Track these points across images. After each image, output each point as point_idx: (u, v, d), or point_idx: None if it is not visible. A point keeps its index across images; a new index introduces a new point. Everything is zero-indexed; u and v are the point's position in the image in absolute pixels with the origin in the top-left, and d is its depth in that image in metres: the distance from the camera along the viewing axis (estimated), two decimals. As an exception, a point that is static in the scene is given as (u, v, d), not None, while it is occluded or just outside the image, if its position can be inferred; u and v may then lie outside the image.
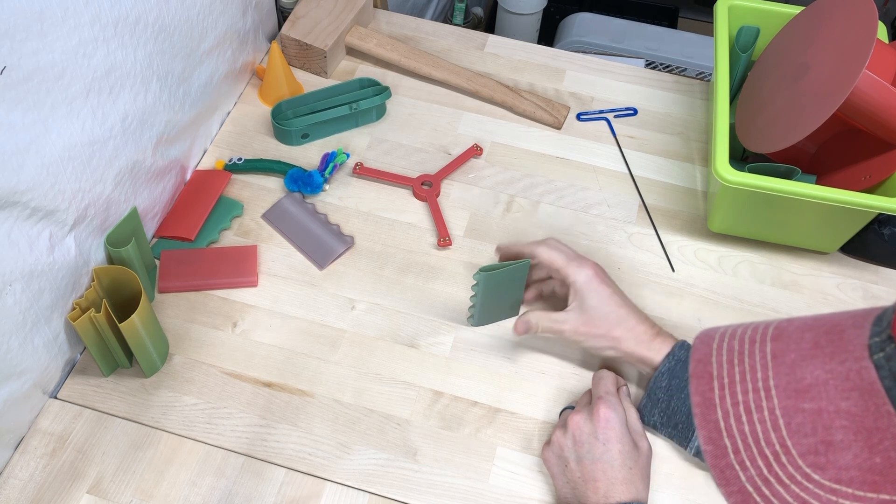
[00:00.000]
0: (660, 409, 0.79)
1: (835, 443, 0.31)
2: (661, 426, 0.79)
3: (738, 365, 0.36)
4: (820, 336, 0.34)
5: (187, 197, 0.96)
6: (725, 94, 0.94)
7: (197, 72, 0.94)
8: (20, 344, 0.73)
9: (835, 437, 0.31)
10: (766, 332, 0.36)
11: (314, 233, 0.94)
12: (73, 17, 0.69)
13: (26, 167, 0.68)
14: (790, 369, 0.34)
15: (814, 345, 0.34)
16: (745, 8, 1.03)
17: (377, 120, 1.07)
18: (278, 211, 0.97)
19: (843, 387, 0.32)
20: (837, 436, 0.31)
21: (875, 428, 0.30)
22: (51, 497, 0.76)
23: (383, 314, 0.90)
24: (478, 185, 1.01)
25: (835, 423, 0.31)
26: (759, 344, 0.37)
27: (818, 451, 0.31)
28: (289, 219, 0.96)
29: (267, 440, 0.80)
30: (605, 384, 0.78)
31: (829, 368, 0.32)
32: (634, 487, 0.71)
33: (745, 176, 0.86)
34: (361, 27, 1.13)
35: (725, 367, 0.36)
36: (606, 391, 0.77)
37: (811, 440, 0.32)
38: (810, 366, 0.33)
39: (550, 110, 1.08)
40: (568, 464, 0.74)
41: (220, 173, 0.98)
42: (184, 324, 0.88)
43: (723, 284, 0.94)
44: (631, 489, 0.70)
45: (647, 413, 0.80)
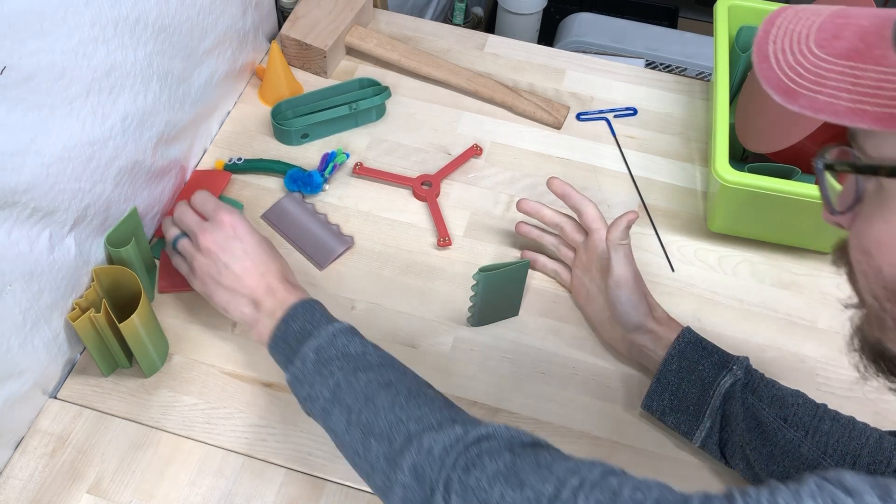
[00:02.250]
0: (670, 392, 0.79)
1: (841, 37, 0.44)
2: (669, 411, 0.79)
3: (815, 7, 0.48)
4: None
5: (187, 197, 0.96)
6: (725, 94, 0.94)
7: (197, 72, 0.94)
8: (20, 344, 0.73)
9: (843, 34, 0.44)
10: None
11: (314, 233, 0.94)
12: (73, 17, 0.69)
13: (26, 167, 0.68)
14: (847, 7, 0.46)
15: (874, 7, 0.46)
16: (745, 8, 1.03)
17: (377, 120, 1.07)
18: (278, 211, 0.97)
19: (871, 15, 0.44)
20: (845, 34, 0.44)
21: (872, 33, 0.42)
22: (51, 497, 0.76)
23: (383, 314, 0.90)
24: (478, 185, 1.01)
25: (848, 29, 0.44)
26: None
27: (827, 39, 0.44)
28: (289, 219, 0.96)
29: (267, 440, 0.80)
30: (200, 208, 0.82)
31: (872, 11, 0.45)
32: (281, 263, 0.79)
33: (745, 176, 0.86)
34: (361, 27, 1.13)
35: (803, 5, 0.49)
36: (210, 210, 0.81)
37: (827, 35, 0.44)
38: (861, 8, 0.45)
39: (550, 110, 1.08)
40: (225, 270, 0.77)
41: (220, 173, 0.98)
42: (184, 324, 0.88)
43: (723, 284, 0.94)
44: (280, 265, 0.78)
45: (657, 397, 0.79)
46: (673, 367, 0.78)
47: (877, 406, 0.84)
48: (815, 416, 0.73)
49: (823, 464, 0.70)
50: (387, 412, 0.62)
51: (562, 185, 0.88)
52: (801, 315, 0.92)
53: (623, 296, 0.81)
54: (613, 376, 0.86)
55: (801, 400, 0.75)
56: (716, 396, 0.76)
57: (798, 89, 0.44)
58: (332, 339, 0.69)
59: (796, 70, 0.44)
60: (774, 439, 0.72)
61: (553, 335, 0.89)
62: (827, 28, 0.45)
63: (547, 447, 0.59)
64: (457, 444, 0.58)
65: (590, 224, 0.86)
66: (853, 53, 0.43)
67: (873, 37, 0.42)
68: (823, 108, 0.43)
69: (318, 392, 0.67)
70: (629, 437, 0.82)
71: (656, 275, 0.94)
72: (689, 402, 0.78)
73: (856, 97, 0.41)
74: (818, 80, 0.43)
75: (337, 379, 0.67)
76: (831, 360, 0.88)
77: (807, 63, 0.44)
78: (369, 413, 0.63)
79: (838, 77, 0.42)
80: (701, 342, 0.79)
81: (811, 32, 0.45)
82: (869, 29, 0.43)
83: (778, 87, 0.45)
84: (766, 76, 0.46)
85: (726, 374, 0.76)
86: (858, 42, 0.43)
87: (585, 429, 0.83)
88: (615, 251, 0.81)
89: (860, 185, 0.46)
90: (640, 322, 0.82)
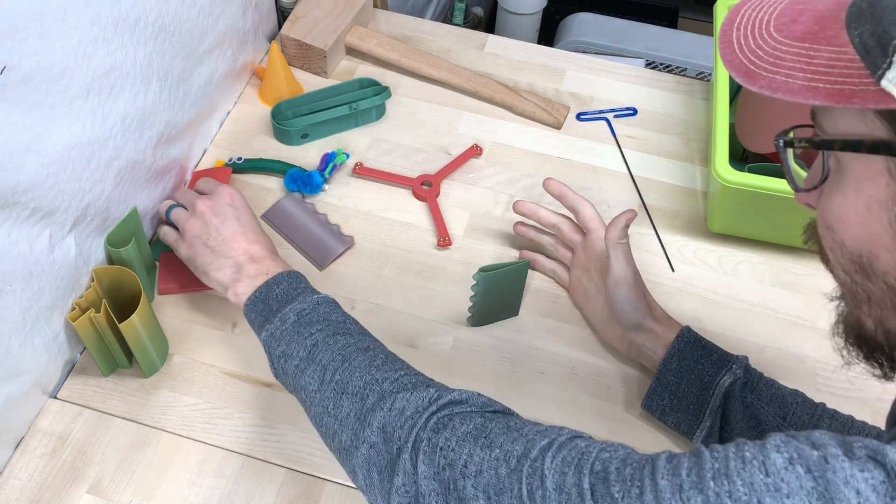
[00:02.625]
0: (669, 392, 0.79)
1: (798, 21, 0.46)
2: (669, 411, 0.79)
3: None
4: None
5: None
6: (725, 94, 0.94)
7: (197, 72, 0.94)
8: (20, 344, 0.73)
9: (800, 18, 0.46)
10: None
11: (314, 233, 0.94)
12: (73, 17, 0.69)
13: (26, 167, 0.68)
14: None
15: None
16: (745, 8, 1.03)
17: (377, 120, 1.07)
18: (278, 211, 0.96)
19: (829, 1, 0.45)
20: (802, 18, 0.46)
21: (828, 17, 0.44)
22: (51, 497, 0.76)
23: (383, 314, 0.90)
24: (478, 185, 1.01)
25: (806, 13, 0.46)
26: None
27: (785, 24, 0.46)
28: (289, 219, 0.96)
29: (267, 440, 0.80)
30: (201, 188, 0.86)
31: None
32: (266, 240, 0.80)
33: (745, 176, 0.86)
34: (361, 27, 1.13)
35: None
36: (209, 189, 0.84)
37: (785, 19, 0.46)
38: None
39: (550, 110, 1.08)
40: (215, 232, 0.80)
41: (220, 170, 0.98)
42: (184, 324, 0.88)
43: (723, 284, 0.94)
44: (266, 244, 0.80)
45: (657, 397, 0.80)
46: (672, 366, 0.78)
47: (876, 406, 0.84)
48: (813, 415, 0.73)
49: None
50: (362, 372, 0.63)
51: (558, 185, 0.88)
52: (801, 315, 0.92)
53: (622, 295, 0.81)
54: (613, 376, 0.86)
55: (801, 399, 0.75)
56: (716, 396, 0.76)
57: (757, 70, 0.46)
58: (315, 305, 0.71)
59: (756, 53, 0.46)
60: None
61: (553, 335, 0.89)
62: (786, 13, 0.47)
63: (518, 416, 0.60)
64: (430, 405, 0.59)
65: (587, 224, 0.86)
66: (808, 35, 0.44)
67: (828, 20, 0.44)
68: (780, 87, 0.44)
69: (294, 351, 0.68)
70: (629, 437, 0.82)
71: (656, 275, 0.94)
72: (689, 402, 0.78)
73: (809, 75, 0.43)
74: (775, 62, 0.45)
75: (315, 340, 0.67)
76: (831, 360, 0.88)
77: (766, 46, 0.46)
78: (344, 373, 0.64)
79: (793, 58, 0.44)
80: (700, 341, 0.79)
81: (771, 18, 0.47)
82: (825, 13, 0.45)
83: (739, 70, 0.47)
84: (729, 60, 0.48)
85: (726, 373, 0.76)
86: (814, 25, 0.45)
87: (585, 429, 0.82)
88: (614, 250, 0.81)
89: (826, 164, 0.48)
90: (639, 321, 0.82)
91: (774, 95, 0.45)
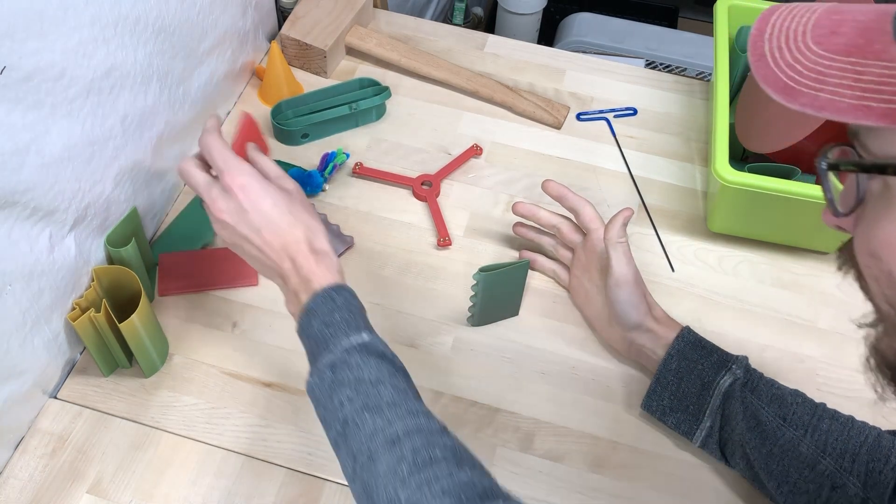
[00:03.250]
0: (670, 393, 0.79)
1: (839, 32, 0.43)
2: (669, 412, 0.79)
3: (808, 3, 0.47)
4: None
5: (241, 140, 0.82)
6: (725, 94, 0.94)
7: (197, 72, 0.94)
8: (20, 344, 0.73)
9: (841, 30, 0.43)
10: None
11: (314, 233, 0.94)
12: (73, 17, 0.69)
13: (26, 167, 0.68)
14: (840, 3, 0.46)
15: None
16: (745, 8, 1.03)
17: (377, 120, 1.07)
18: (278, 211, 0.96)
19: (868, 9, 0.43)
20: (843, 29, 0.43)
21: (871, 28, 0.42)
22: (51, 497, 0.76)
23: (383, 314, 0.90)
24: (478, 185, 1.01)
25: (846, 24, 0.43)
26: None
27: (824, 35, 0.43)
28: (289, 219, 0.96)
29: (267, 440, 0.80)
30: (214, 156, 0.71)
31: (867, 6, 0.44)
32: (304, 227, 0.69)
33: (745, 176, 0.86)
34: (361, 27, 1.13)
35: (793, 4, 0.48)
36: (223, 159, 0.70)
37: (824, 30, 0.44)
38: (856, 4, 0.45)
39: (550, 110, 1.08)
40: (246, 242, 0.70)
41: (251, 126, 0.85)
42: (184, 324, 0.88)
43: (723, 284, 0.94)
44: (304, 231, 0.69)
45: (657, 398, 0.79)
46: (672, 366, 0.78)
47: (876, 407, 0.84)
48: (814, 415, 0.73)
49: (822, 462, 0.70)
50: (385, 483, 0.57)
51: (557, 187, 0.88)
52: (801, 315, 0.92)
53: (622, 295, 0.81)
54: (613, 376, 0.86)
55: (801, 399, 0.75)
56: (715, 396, 0.76)
57: (798, 87, 0.43)
58: (346, 356, 0.64)
59: (795, 68, 0.44)
60: (773, 438, 0.72)
61: (553, 335, 0.89)
62: (823, 24, 0.44)
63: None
64: None
65: (588, 224, 0.86)
66: (853, 49, 0.42)
67: (873, 31, 0.42)
68: (826, 105, 0.42)
69: (331, 421, 0.64)
70: (629, 437, 0.82)
71: (656, 275, 0.94)
72: (689, 402, 0.78)
73: (859, 93, 0.41)
74: (819, 78, 0.42)
75: (346, 414, 0.62)
76: (831, 360, 0.88)
77: (805, 60, 0.43)
78: (369, 475, 0.59)
79: (839, 73, 0.42)
80: (700, 342, 0.79)
81: (807, 29, 0.44)
82: (867, 24, 0.42)
83: (776, 86, 0.44)
84: (764, 75, 0.45)
85: (726, 374, 0.76)
86: (858, 37, 0.42)
87: (585, 429, 0.83)
88: (614, 249, 0.81)
89: (862, 186, 0.44)
90: (639, 321, 0.82)
91: (820, 115, 0.42)
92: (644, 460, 0.81)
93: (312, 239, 0.70)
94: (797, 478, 0.71)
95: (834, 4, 0.45)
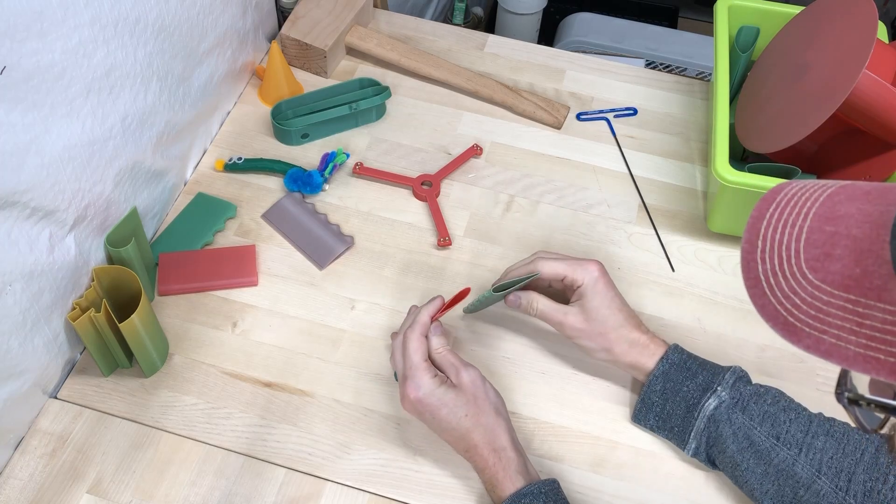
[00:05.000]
0: (654, 413, 0.79)
1: (833, 255, 0.39)
2: (657, 429, 0.79)
3: (799, 197, 0.44)
4: (875, 188, 0.41)
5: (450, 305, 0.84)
6: (725, 94, 0.94)
7: (197, 72, 0.94)
8: (20, 344, 0.73)
9: (835, 251, 0.39)
10: (839, 183, 0.44)
11: (314, 233, 0.94)
12: (73, 17, 0.69)
13: (26, 167, 0.68)
14: (834, 205, 0.42)
15: (865, 193, 0.41)
16: (745, 8, 1.03)
17: (377, 120, 1.07)
18: (278, 211, 0.97)
19: (863, 220, 0.39)
20: (837, 251, 0.39)
21: (868, 250, 0.38)
22: (51, 497, 0.76)
23: (383, 314, 0.90)
24: (478, 185, 1.01)
25: (840, 243, 0.39)
26: (826, 188, 0.44)
27: (818, 258, 0.40)
28: (289, 219, 0.96)
29: (267, 440, 0.80)
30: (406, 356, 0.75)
31: (861, 208, 0.40)
32: (482, 430, 0.73)
33: (745, 176, 0.86)
34: (361, 27, 1.13)
35: (788, 197, 0.44)
36: (409, 365, 0.74)
37: (818, 251, 0.40)
38: (850, 204, 0.41)
39: (550, 110, 1.08)
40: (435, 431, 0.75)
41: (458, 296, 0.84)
42: (184, 324, 0.88)
43: (723, 284, 0.94)
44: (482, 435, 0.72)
45: (643, 417, 0.80)
46: (657, 388, 0.78)
47: (877, 406, 0.84)
48: (807, 433, 0.71)
49: (818, 482, 0.69)
50: None
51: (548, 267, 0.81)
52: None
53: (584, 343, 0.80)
54: (614, 376, 0.86)
55: (794, 415, 0.73)
56: (700, 419, 0.75)
57: (799, 325, 0.39)
58: None
59: (792, 300, 0.40)
60: (768, 458, 0.71)
61: (553, 335, 0.89)
62: (816, 241, 0.40)
63: None
64: None
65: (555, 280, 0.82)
66: (851, 283, 0.38)
67: (870, 257, 0.38)
68: (831, 352, 0.38)
69: None
70: (629, 437, 0.82)
71: (656, 275, 0.94)
72: (674, 424, 0.77)
73: (864, 341, 0.37)
74: (819, 317, 0.39)
75: None
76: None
77: (802, 292, 0.40)
78: None
79: (839, 314, 0.38)
80: (685, 362, 0.78)
81: (800, 248, 0.41)
82: (863, 243, 0.38)
83: (776, 321, 0.40)
84: (762, 305, 0.41)
85: (710, 396, 0.75)
86: (854, 266, 0.38)
87: (585, 429, 0.83)
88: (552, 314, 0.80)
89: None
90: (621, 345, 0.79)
91: (827, 360, 0.38)
92: (644, 460, 0.81)
93: (493, 440, 0.73)
94: (792, 498, 0.70)
95: (827, 207, 0.42)
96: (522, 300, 0.81)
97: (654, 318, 0.90)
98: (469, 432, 0.73)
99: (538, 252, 0.83)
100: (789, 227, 0.42)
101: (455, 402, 0.73)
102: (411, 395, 0.73)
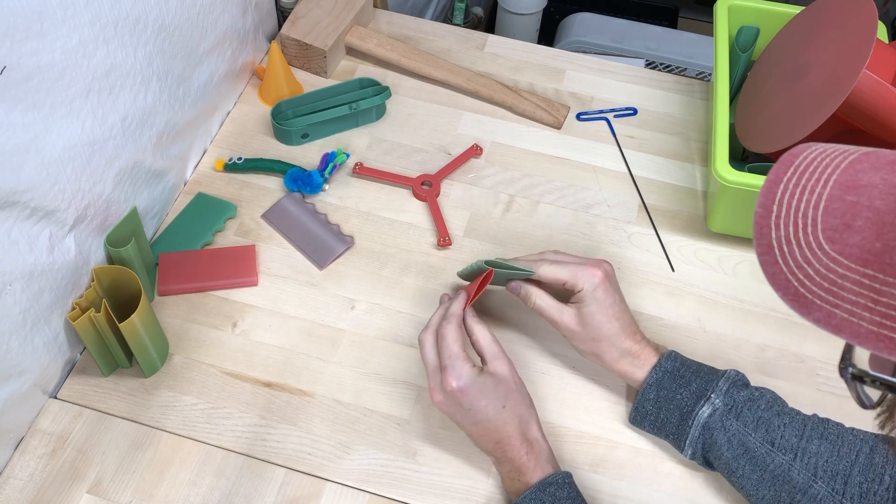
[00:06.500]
0: (649, 422, 0.78)
1: (853, 227, 0.38)
2: (654, 433, 0.79)
3: (819, 162, 0.42)
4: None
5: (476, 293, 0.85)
6: (725, 94, 0.94)
7: (197, 72, 0.94)
8: (20, 344, 0.73)
9: (855, 223, 0.38)
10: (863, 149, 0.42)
11: (314, 233, 0.94)
12: (73, 17, 0.69)
13: (26, 167, 0.68)
14: (856, 173, 0.40)
15: (891, 163, 0.40)
16: (745, 8, 1.03)
17: (377, 120, 1.07)
18: (278, 211, 0.97)
19: (888, 191, 0.38)
20: (858, 222, 0.38)
21: (891, 224, 0.36)
22: (51, 497, 0.76)
23: (383, 314, 0.90)
24: (478, 185, 1.01)
25: (861, 214, 0.38)
26: (848, 153, 0.42)
27: (837, 229, 0.38)
28: (289, 219, 0.96)
29: (267, 440, 0.80)
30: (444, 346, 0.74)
31: (886, 178, 0.38)
32: (518, 419, 0.73)
33: (745, 176, 0.86)
34: (361, 27, 1.13)
35: (808, 161, 0.42)
36: (448, 355, 0.73)
37: (837, 221, 0.38)
38: (874, 174, 0.39)
39: (550, 110, 1.08)
40: (460, 426, 0.75)
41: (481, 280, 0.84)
42: (184, 324, 0.88)
43: (723, 284, 0.94)
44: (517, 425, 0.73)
45: (637, 424, 0.80)
46: (650, 396, 0.77)
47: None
48: (802, 437, 0.71)
49: (815, 486, 0.68)
50: None
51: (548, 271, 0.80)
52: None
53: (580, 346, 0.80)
54: (613, 377, 0.86)
55: (788, 419, 0.72)
56: (694, 427, 0.75)
57: (811, 297, 0.38)
58: None
59: (805, 270, 0.38)
60: (763, 464, 0.71)
61: (553, 335, 0.89)
62: (836, 210, 0.38)
63: None
64: None
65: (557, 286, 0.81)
66: (869, 257, 0.36)
67: (892, 230, 0.36)
68: (842, 326, 0.37)
69: None
70: (629, 436, 0.82)
71: (656, 275, 0.94)
72: (669, 431, 0.77)
73: (878, 319, 0.36)
74: (833, 290, 0.37)
75: None
76: (831, 360, 0.88)
77: (817, 263, 0.38)
78: None
79: (855, 289, 0.36)
80: (678, 370, 0.77)
81: (818, 215, 0.39)
82: (885, 215, 0.37)
83: (786, 291, 0.39)
84: (772, 273, 0.39)
85: (704, 404, 0.74)
86: (875, 239, 0.36)
87: (585, 429, 0.83)
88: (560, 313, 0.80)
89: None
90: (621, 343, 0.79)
91: (837, 335, 0.37)
92: (644, 460, 0.81)
93: (526, 430, 0.74)
94: (789, 503, 0.69)
95: (850, 176, 0.40)
96: (522, 290, 0.81)
97: (654, 318, 0.90)
98: (505, 423, 0.72)
99: (545, 253, 0.83)
100: (807, 193, 0.40)
101: (495, 391, 0.72)
102: (452, 385, 0.71)
